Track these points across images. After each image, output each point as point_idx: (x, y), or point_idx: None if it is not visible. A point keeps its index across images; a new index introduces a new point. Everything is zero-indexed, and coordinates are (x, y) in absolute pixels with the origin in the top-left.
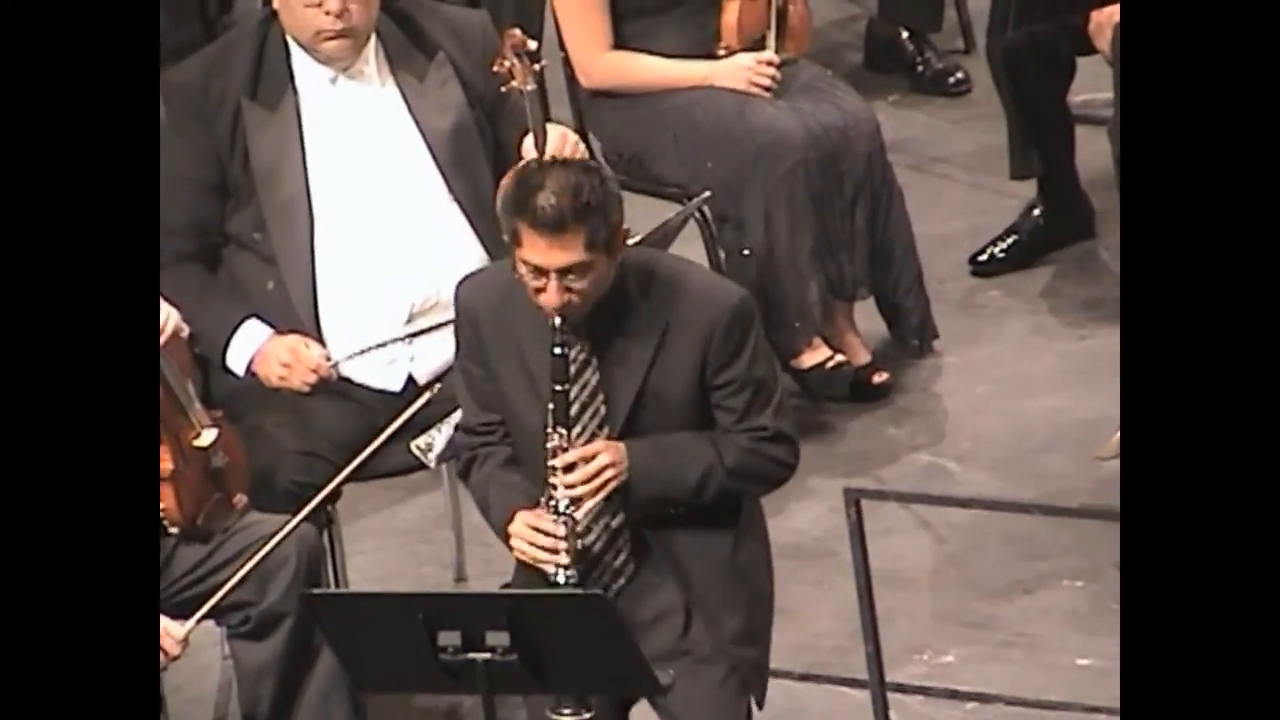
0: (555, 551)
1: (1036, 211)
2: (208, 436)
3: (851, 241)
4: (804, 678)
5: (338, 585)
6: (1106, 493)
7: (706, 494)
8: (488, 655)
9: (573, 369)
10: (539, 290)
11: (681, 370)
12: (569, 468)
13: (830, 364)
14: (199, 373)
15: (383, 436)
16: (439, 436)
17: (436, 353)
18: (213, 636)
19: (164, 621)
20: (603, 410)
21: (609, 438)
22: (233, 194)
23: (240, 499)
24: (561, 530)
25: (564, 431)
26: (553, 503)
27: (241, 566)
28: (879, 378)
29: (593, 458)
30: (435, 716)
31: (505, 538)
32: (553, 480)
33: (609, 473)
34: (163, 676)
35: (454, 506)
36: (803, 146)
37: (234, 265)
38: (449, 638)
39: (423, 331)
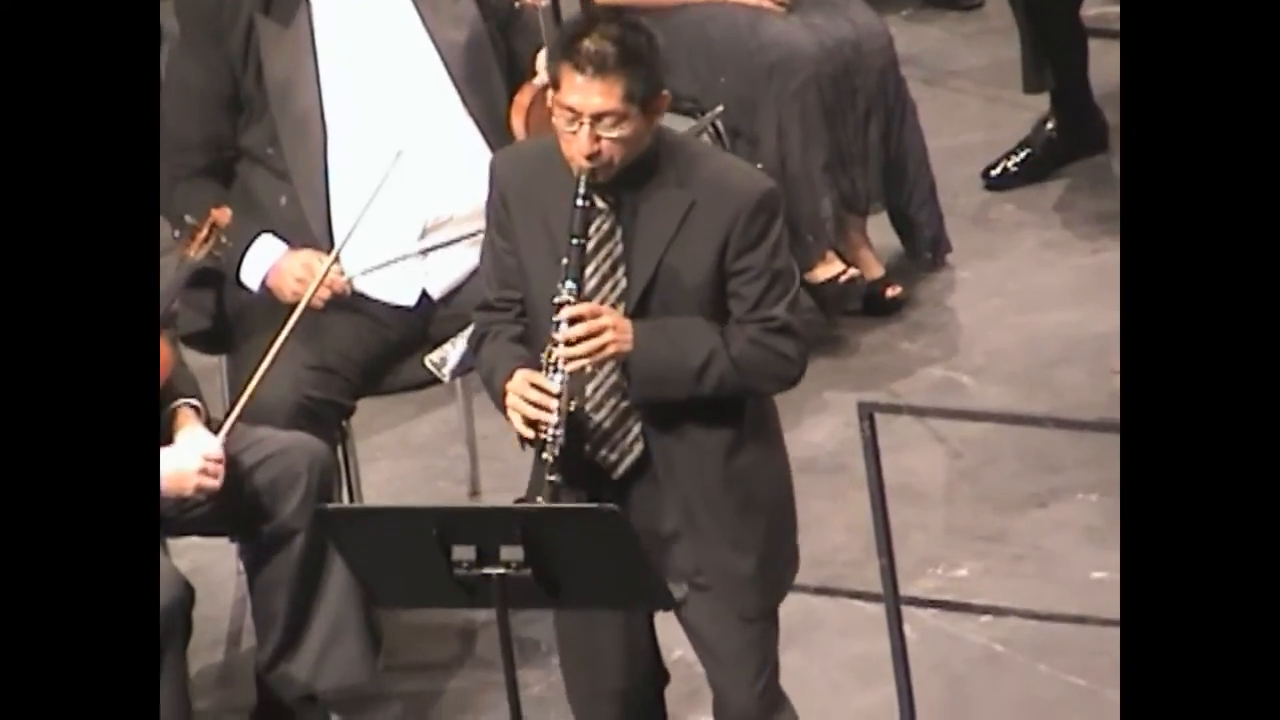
0: (546, 410)
1: (1050, 125)
2: None
3: (865, 156)
4: (819, 591)
5: (352, 500)
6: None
7: (708, 381)
8: (502, 570)
9: (596, 237)
10: (571, 136)
11: (702, 250)
12: (572, 322)
13: (844, 278)
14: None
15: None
16: (453, 351)
17: (450, 268)
18: (226, 553)
19: (201, 441)
20: (622, 283)
21: (624, 313)
22: (245, 108)
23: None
24: (555, 388)
25: (574, 286)
26: (552, 359)
27: (253, 475)
28: (892, 292)
29: (598, 316)
30: (449, 631)
31: (504, 404)
32: (555, 336)
33: (609, 335)
34: None
35: (468, 421)
36: (816, 61)
37: (247, 181)
38: (463, 552)
39: (437, 246)
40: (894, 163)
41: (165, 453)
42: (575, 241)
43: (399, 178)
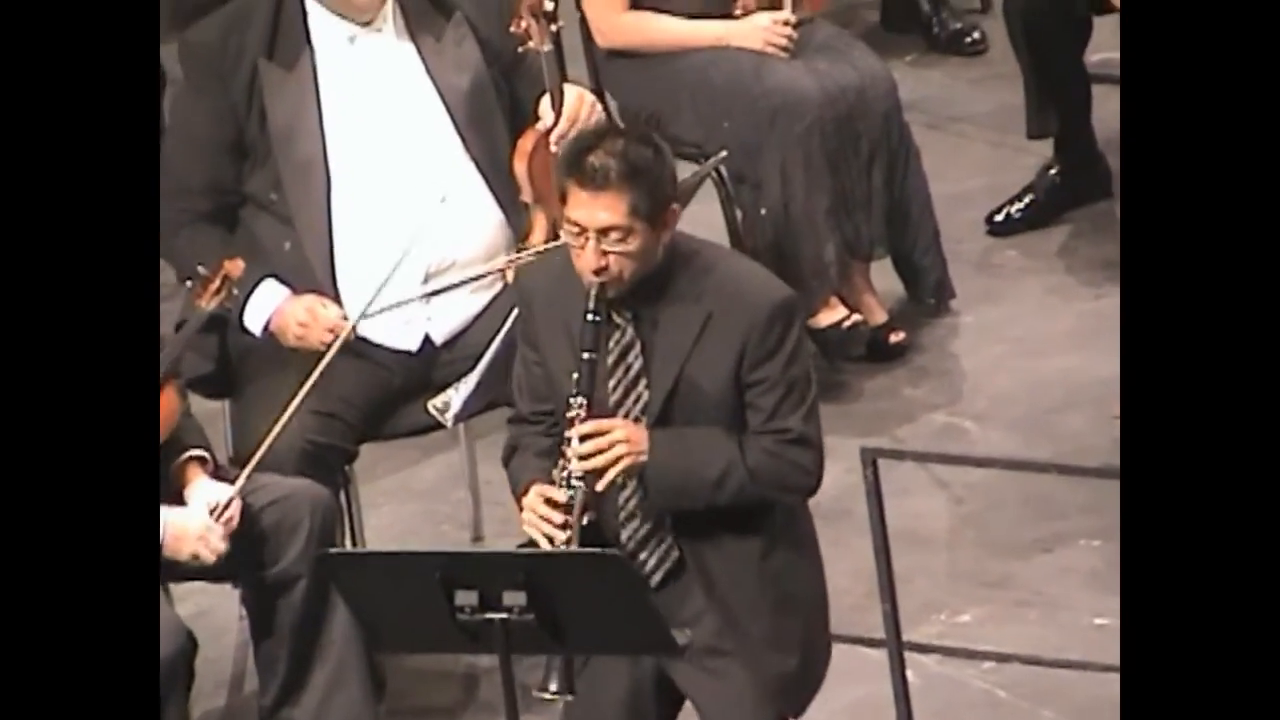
0: (554, 524)
1: (1053, 171)
2: None
3: (868, 201)
4: None
5: (355, 545)
6: None
7: (725, 492)
8: (505, 615)
9: (616, 351)
10: (579, 251)
11: (719, 361)
12: (584, 438)
13: (847, 323)
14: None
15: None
16: (456, 396)
17: (453, 313)
18: (229, 598)
19: (212, 494)
20: (645, 395)
21: (646, 424)
22: (249, 154)
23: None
24: (564, 498)
25: (585, 401)
26: (564, 474)
27: (256, 521)
28: (896, 337)
29: (609, 431)
30: (452, 677)
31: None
32: (567, 451)
33: (621, 449)
34: None
35: (471, 466)
36: (819, 106)
37: (251, 226)
38: (466, 597)
39: (439, 291)
40: (897, 208)
41: (173, 511)
42: (585, 356)
43: (402, 223)
